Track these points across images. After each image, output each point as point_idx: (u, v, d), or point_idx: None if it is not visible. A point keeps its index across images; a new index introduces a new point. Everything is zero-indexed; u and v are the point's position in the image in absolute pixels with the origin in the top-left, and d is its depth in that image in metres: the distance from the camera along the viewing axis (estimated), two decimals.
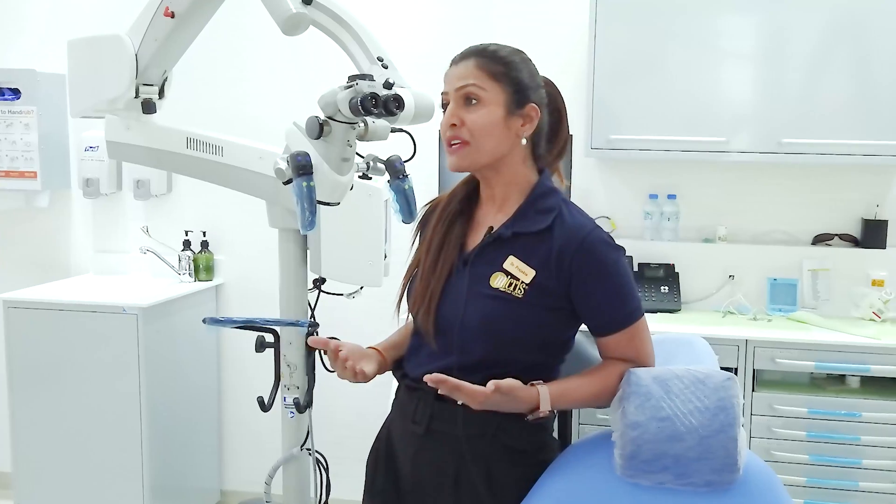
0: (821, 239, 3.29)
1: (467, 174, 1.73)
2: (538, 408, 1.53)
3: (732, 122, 3.02)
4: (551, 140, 1.71)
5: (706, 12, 3.00)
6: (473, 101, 1.58)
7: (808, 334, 2.92)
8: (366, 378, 1.68)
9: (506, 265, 1.58)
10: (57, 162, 3.62)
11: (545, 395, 1.53)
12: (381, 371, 1.75)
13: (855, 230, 3.28)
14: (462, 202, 1.71)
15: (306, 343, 2.11)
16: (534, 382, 1.54)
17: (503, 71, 1.59)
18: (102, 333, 3.14)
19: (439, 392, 1.47)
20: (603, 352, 1.62)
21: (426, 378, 1.47)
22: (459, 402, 1.50)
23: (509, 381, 1.48)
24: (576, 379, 1.61)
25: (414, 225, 1.82)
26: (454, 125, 1.60)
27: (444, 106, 1.63)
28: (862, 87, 2.94)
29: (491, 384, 1.46)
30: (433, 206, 1.78)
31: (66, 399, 3.19)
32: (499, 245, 1.61)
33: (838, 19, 2.93)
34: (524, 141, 1.62)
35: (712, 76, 3.03)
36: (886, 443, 2.77)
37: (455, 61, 1.63)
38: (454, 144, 1.60)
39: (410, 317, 1.74)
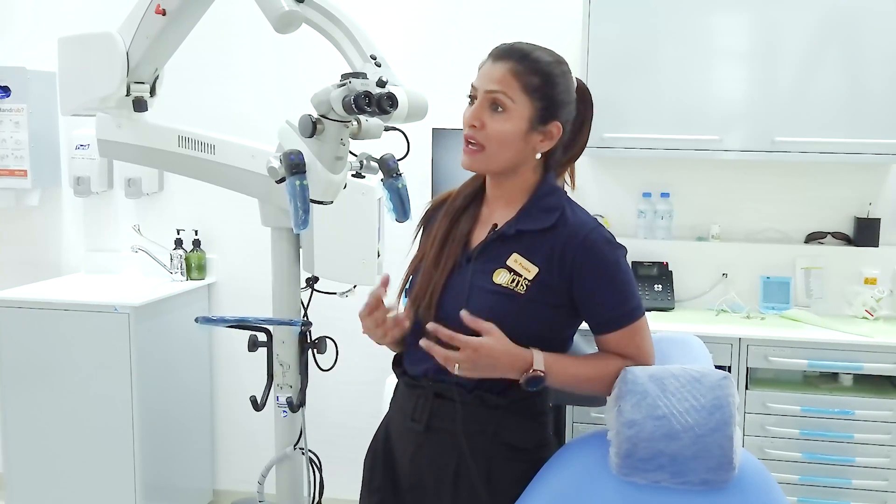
0: (814, 237, 3.29)
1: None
2: (531, 366, 1.52)
3: (725, 120, 3.02)
4: (569, 147, 1.69)
5: (699, 11, 3.00)
6: (499, 109, 1.57)
7: (801, 332, 2.92)
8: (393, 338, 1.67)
9: (509, 262, 1.58)
10: (47, 160, 3.60)
11: (539, 355, 1.53)
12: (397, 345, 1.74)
13: (848, 228, 3.29)
14: (468, 198, 1.71)
15: (300, 342, 2.11)
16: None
17: (538, 85, 1.56)
18: (94, 333, 3.12)
19: (435, 336, 1.50)
20: (603, 350, 1.62)
21: (428, 326, 1.50)
22: (455, 372, 1.51)
23: (490, 325, 1.50)
24: (573, 356, 1.62)
25: (416, 220, 1.81)
26: (474, 126, 1.58)
27: (471, 97, 1.61)
28: (854, 86, 2.94)
29: (464, 312, 1.49)
30: (439, 202, 1.77)
31: (57, 399, 3.17)
32: (503, 242, 1.61)
33: (831, 18, 2.94)
34: (538, 156, 1.62)
35: (705, 75, 3.03)
36: (879, 440, 2.78)
37: (494, 56, 1.59)
38: (470, 145, 1.59)
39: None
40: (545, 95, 1.57)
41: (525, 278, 1.56)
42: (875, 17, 2.89)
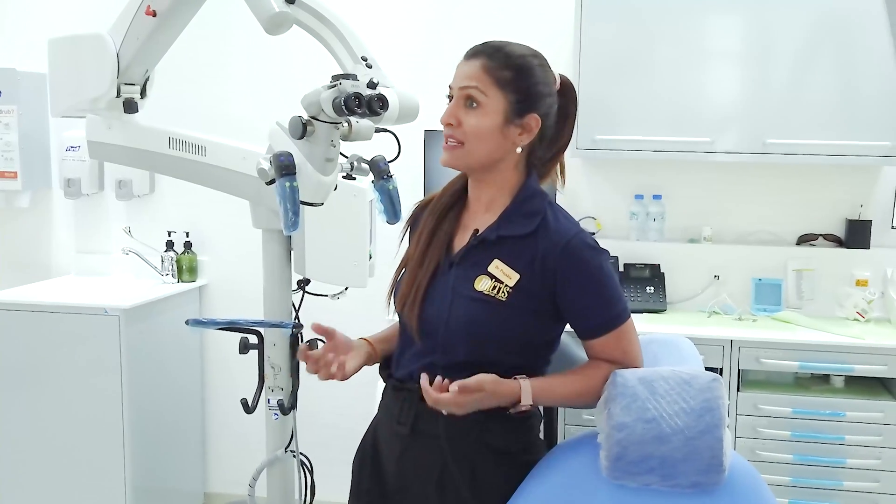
0: (805, 239, 3.30)
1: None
2: (520, 401, 1.53)
3: (718, 122, 3.02)
4: (552, 145, 1.68)
5: (692, 12, 3.00)
6: (473, 104, 1.57)
7: (792, 334, 2.93)
8: (343, 376, 1.67)
9: (490, 268, 1.57)
10: (38, 162, 3.59)
11: (527, 388, 1.53)
12: (368, 363, 1.75)
13: (839, 230, 3.29)
14: (454, 195, 1.70)
15: (291, 344, 2.10)
16: (516, 376, 1.54)
17: (510, 77, 1.56)
18: (84, 335, 3.11)
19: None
20: (590, 354, 1.62)
21: (422, 383, 1.50)
22: (445, 413, 1.52)
23: (478, 379, 1.49)
24: (560, 376, 1.61)
25: (403, 223, 1.81)
26: (451, 124, 1.59)
27: (450, 98, 1.62)
28: (846, 88, 2.95)
29: (454, 386, 1.47)
30: (424, 204, 1.77)
31: (47, 401, 3.16)
32: (484, 248, 1.60)
33: (823, 20, 2.94)
34: (519, 150, 1.61)
35: (698, 76, 3.03)
36: (870, 442, 2.78)
37: (467, 56, 1.61)
38: (449, 142, 1.60)
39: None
40: (519, 88, 1.57)
41: (506, 285, 1.55)
42: (867, 20, 2.89)
